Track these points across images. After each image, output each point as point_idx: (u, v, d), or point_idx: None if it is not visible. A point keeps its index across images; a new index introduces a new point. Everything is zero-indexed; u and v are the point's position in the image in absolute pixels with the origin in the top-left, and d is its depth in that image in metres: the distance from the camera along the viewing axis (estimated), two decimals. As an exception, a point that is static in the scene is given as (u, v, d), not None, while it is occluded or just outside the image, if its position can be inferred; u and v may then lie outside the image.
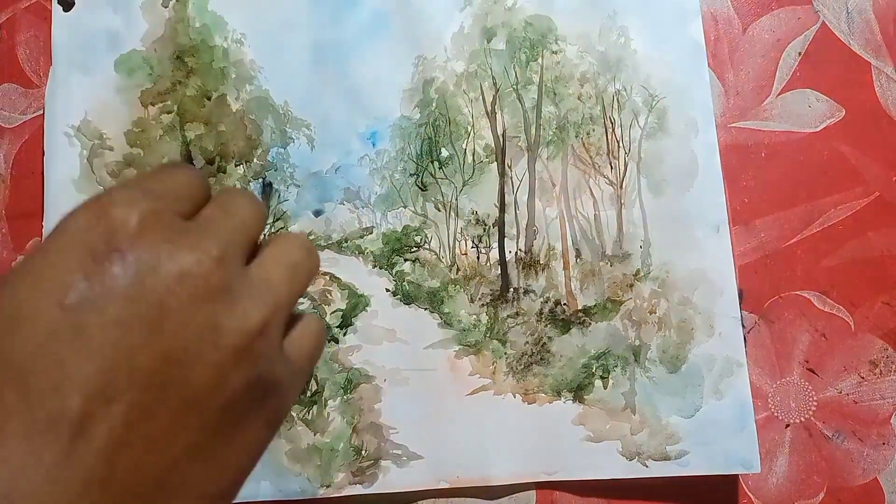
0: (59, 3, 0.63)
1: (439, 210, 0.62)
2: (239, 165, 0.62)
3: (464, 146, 0.62)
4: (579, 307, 0.60)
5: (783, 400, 0.58)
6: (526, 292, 0.60)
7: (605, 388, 0.58)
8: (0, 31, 0.65)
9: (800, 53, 0.61)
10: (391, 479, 0.58)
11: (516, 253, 0.61)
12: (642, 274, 0.59)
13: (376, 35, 0.63)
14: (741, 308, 0.58)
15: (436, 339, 0.60)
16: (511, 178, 0.61)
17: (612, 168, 0.61)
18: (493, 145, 0.62)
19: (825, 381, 0.58)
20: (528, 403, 0.58)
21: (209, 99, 0.62)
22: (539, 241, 0.60)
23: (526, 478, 0.57)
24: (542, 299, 0.60)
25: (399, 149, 0.62)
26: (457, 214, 0.61)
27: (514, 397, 0.59)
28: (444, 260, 0.61)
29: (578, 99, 0.62)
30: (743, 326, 0.58)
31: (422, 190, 0.62)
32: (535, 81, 0.62)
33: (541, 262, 0.60)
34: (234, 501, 0.59)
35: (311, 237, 0.61)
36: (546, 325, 0.59)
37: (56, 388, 0.24)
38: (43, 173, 0.62)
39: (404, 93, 0.62)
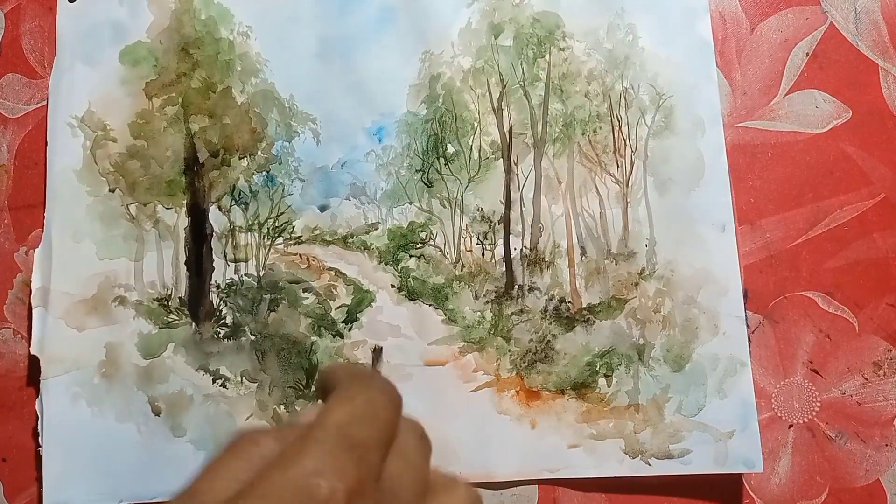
0: (64, -8, 0.63)
1: (445, 206, 0.62)
2: (243, 158, 0.62)
3: (470, 142, 0.62)
4: (584, 305, 0.60)
5: (787, 400, 0.58)
6: (531, 290, 0.60)
7: (608, 386, 0.58)
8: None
9: (807, 54, 0.61)
10: (394, 475, 0.57)
11: (521, 250, 0.60)
12: (647, 272, 0.59)
13: (383, 30, 0.62)
14: (746, 308, 0.58)
15: (440, 336, 0.60)
16: (517, 174, 0.61)
17: (618, 166, 0.61)
18: (499, 142, 0.61)
19: (829, 381, 0.58)
20: (532, 401, 0.58)
21: (214, 91, 0.62)
22: (544, 239, 0.60)
23: (528, 475, 0.57)
24: (546, 297, 0.60)
25: (405, 144, 0.62)
26: (462, 211, 0.61)
27: (518, 394, 0.59)
28: (448, 256, 0.61)
29: (585, 96, 0.61)
30: (747, 326, 0.58)
31: (427, 186, 0.62)
32: (542, 78, 0.62)
33: (546, 259, 0.60)
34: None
35: (317, 232, 0.61)
36: (550, 323, 0.59)
37: None
38: (46, 164, 0.61)
39: (411, 88, 0.62)
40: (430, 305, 0.60)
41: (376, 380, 0.30)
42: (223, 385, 0.59)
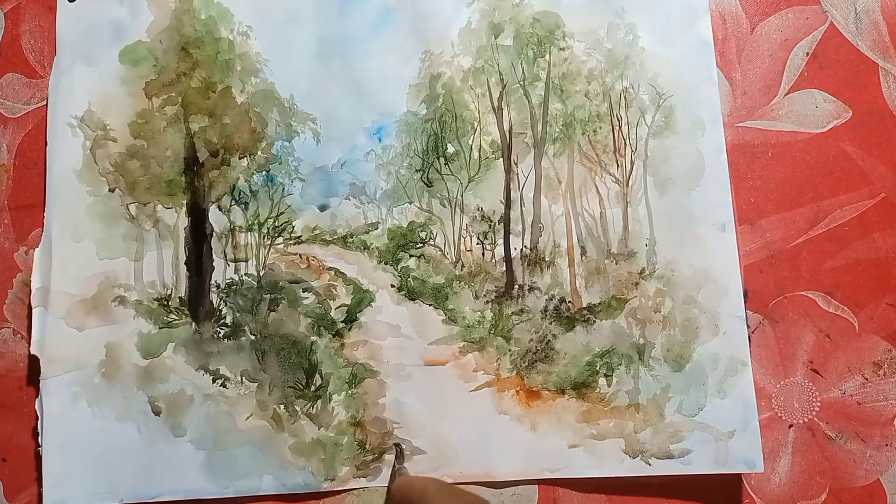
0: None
1: (445, 206, 0.62)
2: (243, 158, 0.62)
3: (470, 142, 0.62)
4: (584, 305, 0.60)
5: (787, 400, 0.58)
6: (531, 289, 0.60)
7: (608, 385, 0.58)
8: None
9: (807, 53, 0.61)
10: (394, 475, 0.58)
11: (521, 250, 0.60)
12: (647, 272, 0.59)
13: (383, 29, 0.62)
14: (746, 308, 0.58)
15: (440, 336, 0.59)
16: (517, 174, 0.61)
17: (618, 166, 0.61)
18: (499, 141, 0.61)
19: (829, 381, 0.58)
20: (532, 400, 0.58)
21: (214, 91, 0.62)
22: (544, 238, 0.60)
23: (528, 475, 0.57)
24: (546, 297, 0.60)
25: (405, 144, 0.62)
26: (462, 211, 0.61)
27: (518, 394, 0.59)
28: (448, 256, 0.61)
29: (585, 96, 0.61)
30: (747, 326, 0.58)
31: (427, 186, 0.62)
32: (542, 78, 0.62)
33: (546, 259, 0.60)
34: (236, 496, 0.59)
35: (316, 232, 0.61)
36: (550, 323, 0.59)
37: None
38: (46, 164, 0.61)
39: (410, 88, 0.62)
40: (430, 305, 0.60)
41: None
42: (223, 385, 0.59)
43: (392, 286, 0.61)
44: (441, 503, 0.32)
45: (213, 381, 0.59)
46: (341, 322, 0.60)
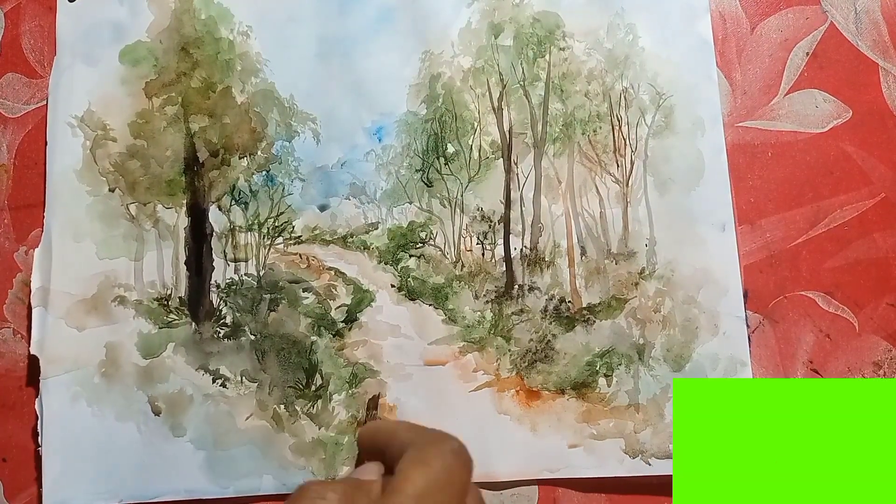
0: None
1: (445, 206, 0.62)
2: (243, 158, 0.62)
3: (470, 142, 0.62)
4: (584, 305, 0.60)
5: (787, 400, 0.58)
6: (531, 289, 0.60)
7: (608, 385, 0.58)
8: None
9: (807, 53, 0.61)
10: (394, 475, 0.57)
11: (521, 250, 0.60)
12: (647, 272, 0.59)
13: (383, 29, 0.62)
14: (746, 308, 0.58)
15: (440, 336, 0.60)
16: (517, 174, 0.61)
17: (618, 166, 0.61)
18: (499, 141, 0.61)
19: (829, 381, 0.58)
20: (532, 401, 0.58)
21: (214, 91, 0.62)
22: (544, 238, 0.60)
23: (528, 475, 0.57)
24: (546, 297, 0.60)
25: (405, 144, 0.62)
26: (462, 211, 0.61)
27: (518, 394, 0.59)
28: (448, 256, 0.61)
29: (585, 96, 0.61)
30: (747, 326, 0.58)
31: (427, 186, 0.62)
32: (542, 78, 0.62)
33: (546, 259, 0.60)
34: (236, 496, 0.59)
35: (316, 232, 0.61)
36: (550, 323, 0.59)
37: None
38: (46, 164, 0.61)
39: (410, 88, 0.62)
40: (430, 305, 0.60)
41: (448, 443, 0.31)
42: (223, 385, 0.59)
43: (392, 286, 0.61)
44: (413, 442, 0.30)
45: (213, 381, 0.59)
46: (341, 322, 0.60)
